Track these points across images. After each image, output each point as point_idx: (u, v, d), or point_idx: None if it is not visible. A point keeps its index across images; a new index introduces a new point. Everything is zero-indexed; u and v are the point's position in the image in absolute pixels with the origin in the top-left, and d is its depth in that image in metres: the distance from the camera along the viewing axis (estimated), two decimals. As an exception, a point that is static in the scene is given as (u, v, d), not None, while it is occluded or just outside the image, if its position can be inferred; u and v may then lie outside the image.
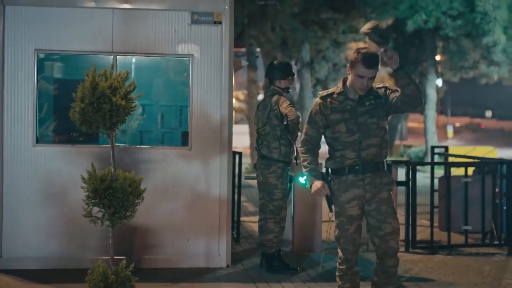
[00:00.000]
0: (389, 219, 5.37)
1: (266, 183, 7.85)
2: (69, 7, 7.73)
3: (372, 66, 5.26)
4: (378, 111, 5.41)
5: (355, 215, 5.42)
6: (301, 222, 8.97)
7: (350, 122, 5.39)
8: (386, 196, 5.41)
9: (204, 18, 7.91)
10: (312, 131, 5.51)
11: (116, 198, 5.53)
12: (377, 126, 5.39)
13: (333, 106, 5.44)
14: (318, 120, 5.49)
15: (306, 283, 7.33)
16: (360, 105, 5.41)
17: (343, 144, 5.41)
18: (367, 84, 5.30)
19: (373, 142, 5.38)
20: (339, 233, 5.51)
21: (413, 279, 7.55)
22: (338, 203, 5.45)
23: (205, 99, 7.94)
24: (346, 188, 5.40)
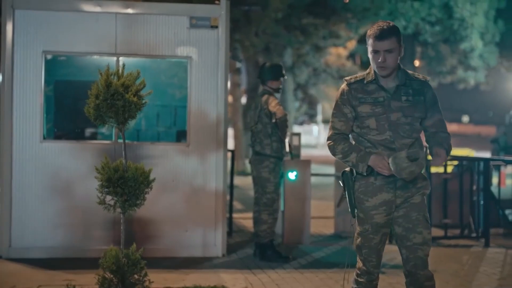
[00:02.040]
0: (420, 228, 4.62)
1: (260, 177, 8.37)
2: (75, 11, 8.21)
3: (384, 37, 4.55)
4: (414, 111, 4.68)
5: (382, 222, 4.68)
6: (291, 216, 9.49)
7: (381, 118, 4.66)
8: (418, 201, 4.67)
9: (202, 22, 8.41)
10: (340, 124, 4.75)
11: (129, 187, 6.00)
12: (411, 127, 4.66)
13: (362, 97, 4.69)
14: (346, 112, 4.72)
15: (298, 269, 7.85)
16: (395, 99, 4.67)
17: (372, 141, 4.69)
18: (384, 59, 4.55)
19: (406, 143, 4.64)
20: (362, 242, 4.76)
21: (397, 267, 8.08)
22: (363, 209, 4.70)
23: (202, 99, 8.44)
24: (374, 192, 4.65)
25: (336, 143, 4.73)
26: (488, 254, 9.03)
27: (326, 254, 8.82)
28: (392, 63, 4.58)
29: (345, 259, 8.41)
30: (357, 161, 4.63)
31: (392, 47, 4.56)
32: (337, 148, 4.73)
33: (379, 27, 4.59)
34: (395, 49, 4.58)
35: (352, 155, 4.65)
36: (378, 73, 4.64)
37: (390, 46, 4.56)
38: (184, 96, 9.17)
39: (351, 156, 4.66)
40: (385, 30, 4.57)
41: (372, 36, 4.58)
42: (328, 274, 7.59)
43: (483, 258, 8.82)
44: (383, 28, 4.57)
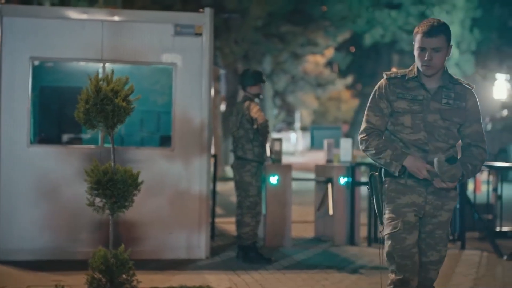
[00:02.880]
0: (440, 246, 4.48)
1: (242, 181, 8.58)
2: (62, 19, 8.38)
3: (433, 34, 4.32)
4: (453, 116, 4.46)
5: (414, 222, 4.38)
6: (273, 219, 9.69)
7: (417, 117, 4.43)
8: (445, 218, 4.46)
9: (186, 30, 8.62)
10: (375, 119, 4.50)
11: (118, 189, 6.19)
12: (447, 131, 4.44)
13: (401, 92, 4.46)
14: (383, 106, 4.48)
15: (280, 270, 8.06)
16: (434, 99, 4.45)
17: (405, 141, 4.45)
18: (430, 58, 4.33)
19: (440, 146, 4.41)
20: (393, 245, 4.41)
21: (376, 268, 8.31)
22: (394, 207, 4.42)
23: (187, 104, 8.63)
24: (405, 192, 4.42)
25: (370, 138, 4.44)
26: (464, 256, 9.30)
27: (307, 257, 9.04)
28: (438, 63, 4.38)
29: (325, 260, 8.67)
30: (391, 160, 4.35)
31: (440, 45, 4.35)
32: (371, 143, 4.43)
33: (429, 23, 4.35)
34: (443, 48, 4.37)
35: (387, 152, 4.36)
36: (422, 72, 4.42)
37: (438, 45, 4.35)
38: (167, 102, 9.37)
39: (385, 154, 4.37)
40: (435, 27, 4.33)
41: (421, 32, 4.34)
42: (310, 275, 7.81)
43: (460, 259, 9.08)
44: (433, 25, 4.34)
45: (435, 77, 4.47)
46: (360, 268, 8.28)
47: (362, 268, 8.25)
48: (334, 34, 29.57)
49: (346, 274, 7.90)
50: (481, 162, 4.51)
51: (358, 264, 8.50)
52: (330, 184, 10.01)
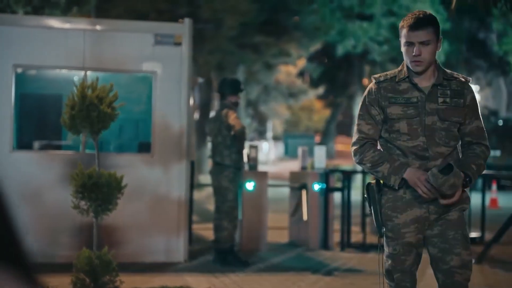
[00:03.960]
0: (458, 249, 4.03)
1: (220, 187, 8.85)
2: (46, 28, 8.60)
3: (419, 26, 4.02)
4: (452, 115, 4.12)
5: (414, 242, 4.08)
6: (249, 224, 9.96)
7: (413, 121, 4.09)
8: (455, 217, 4.08)
9: (166, 39, 8.88)
10: (367, 128, 4.17)
11: (102, 192, 6.43)
12: (447, 133, 4.10)
13: (392, 96, 4.12)
14: (374, 113, 4.16)
15: (257, 273, 8.34)
16: (430, 100, 4.10)
17: (403, 148, 4.10)
18: (419, 53, 4.01)
19: (442, 151, 4.07)
20: (393, 265, 4.15)
21: (349, 270, 8.60)
22: (392, 227, 4.10)
23: (166, 111, 8.89)
24: (404, 207, 4.07)
25: (364, 150, 4.14)
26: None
27: (283, 260, 9.31)
28: (428, 57, 4.04)
29: (300, 263, 8.95)
30: (390, 173, 4.03)
31: (428, 38, 4.03)
32: (365, 155, 4.12)
33: (414, 15, 4.07)
34: (432, 41, 4.04)
35: (384, 166, 4.05)
36: (412, 68, 4.10)
37: (426, 38, 4.03)
38: (144, 109, 9.61)
39: (383, 167, 4.05)
40: (421, 19, 4.04)
41: (406, 26, 4.06)
42: (286, 277, 8.08)
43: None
44: (419, 17, 4.05)
45: (428, 75, 4.14)
46: (334, 270, 8.57)
47: (336, 271, 8.53)
48: (306, 44, 29.98)
49: (321, 276, 8.18)
50: (484, 160, 4.16)
51: (332, 267, 8.78)
52: (304, 190, 10.30)
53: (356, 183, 19.19)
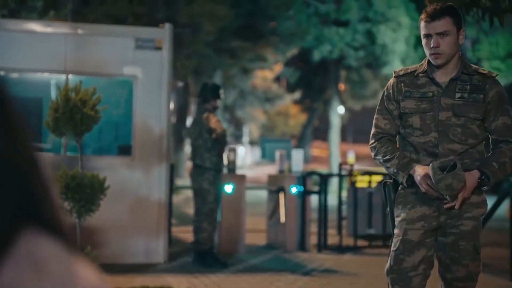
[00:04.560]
0: (466, 260, 3.89)
1: (200, 189, 8.99)
2: (28, 32, 8.71)
3: (436, 17, 3.87)
4: (469, 111, 3.92)
5: (416, 241, 3.89)
6: (228, 226, 10.11)
7: (426, 116, 3.94)
8: (469, 227, 3.89)
9: (147, 44, 9.01)
10: (384, 123, 4.06)
11: (85, 193, 6.55)
12: (464, 129, 3.89)
13: (408, 90, 3.99)
14: (392, 108, 4.05)
15: (236, 273, 8.49)
16: (446, 95, 3.94)
17: (415, 144, 3.97)
18: (437, 44, 3.86)
19: (455, 149, 3.88)
20: (390, 265, 3.96)
21: (326, 271, 8.78)
22: (399, 222, 3.97)
23: (146, 115, 9.02)
24: (414, 203, 3.93)
25: (379, 144, 4.04)
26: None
27: (261, 261, 9.47)
28: (448, 49, 3.88)
29: (278, 264, 9.10)
30: (398, 170, 3.92)
31: (447, 29, 3.87)
32: (379, 150, 4.03)
33: (432, 7, 3.94)
34: (451, 32, 3.89)
35: (394, 161, 3.94)
36: (432, 61, 3.95)
37: (443, 28, 3.87)
38: (124, 112, 9.73)
39: (392, 162, 3.94)
40: (438, 9, 3.89)
41: (423, 18, 3.93)
42: (264, 277, 8.24)
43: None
44: (436, 8, 3.91)
45: (449, 69, 3.97)
46: (312, 271, 8.74)
47: (313, 271, 8.71)
48: (283, 49, 30.20)
49: (298, 276, 8.35)
50: (503, 164, 3.89)
51: (309, 268, 8.95)
52: (282, 193, 10.47)
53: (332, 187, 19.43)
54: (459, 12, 3.99)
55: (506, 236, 8.88)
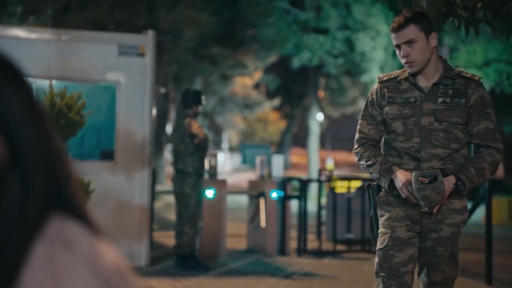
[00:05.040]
0: (443, 266, 3.92)
1: (182, 193, 9.12)
2: (12, 38, 8.80)
3: (400, 27, 3.90)
4: (450, 116, 3.91)
5: (405, 238, 3.89)
6: (209, 230, 10.24)
7: (409, 121, 3.95)
8: (448, 234, 3.90)
9: (130, 50, 9.14)
10: (368, 128, 4.09)
11: (70, 197, 6.67)
12: (446, 134, 3.90)
13: (391, 96, 4.01)
14: (375, 114, 4.07)
15: (217, 276, 8.62)
16: (428, 100, 3.94)
17: (398, 149, 3.98)
18: (407, 53, 3.89)
19: (437, 153, 3.89)
20: (381, 262, 3.90)
21: (306, 274, 8.93)
22: (385, 220, 3.96)
23: (129, 120, 9.14)
24: (398, 203, 3.95)
25: (362, 150, 4.06)
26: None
27: (242, 265, 9.60)
28: (418, 56, 3.90)
29: (258, 268, 9.25)
30: (380, 175, 3.93)
31: (413, 36, 3.89)
32: (362, 155, 4.04)
33: (397, 17, 3.97)
34: (418, 38, 3.90)
35: (376, 166, 3.95)
36: (409, 70, 3.97)
37: (409, 36, 3.89)
38: (106, 118, 9.84)
39: (375, 167, 3.95)
40: (402, 19, 3.91)
41: (391, 29, 3.97)
42: (246, 280, 8.38)
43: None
44: (400, 18, 3.93)
45: (429, 73, 3.98)
46: (292, 274, 8.89)
47: (294, 275, 8.85)
48: (263, 56, 30.39)
49: (279, 279, 8.49)
50: (491, 164, 3.89)
51: (290, 271, 9.10)
52: (262, 198, 10.61)
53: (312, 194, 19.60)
54: (425, 17, 3.99)
55: (482, 241, 9.07)
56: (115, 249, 1.11)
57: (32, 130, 1.09)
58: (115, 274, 1.06)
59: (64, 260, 1.02)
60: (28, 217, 1.05)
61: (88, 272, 1.02)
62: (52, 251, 1.03)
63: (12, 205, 1.04)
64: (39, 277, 1.00)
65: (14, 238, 1.03)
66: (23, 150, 1.07)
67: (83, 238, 1.07)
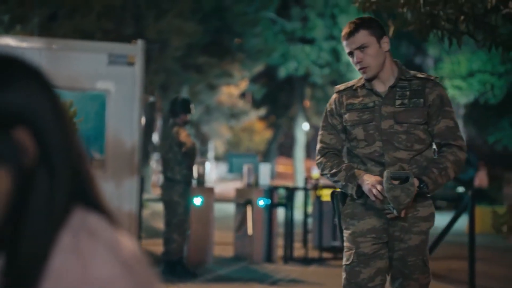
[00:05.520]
0: (416, 275, 3.87)
1: (171, 201, 9.25)
2: (2, 46, 8.90)
3: (351, 33, 3.91)
4: (410, 117, 3.88)
5: (370, 253, 3.86)
6: (196, 237, 10.35)
7: (369, 126, 3.91)
8: (417, 242, 3.86)
9: (120, 59, 9.26)
10: (329, 138, 4.04)
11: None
12: (408, 136, 3.85)
13: (350, 103, 3.97)
14: (335, 123, 4.02)
15: (205, 283, 8.75)
16: (386, 103, 3.91)
17: (361, 156, 3.93)
18: (360, 59, 3.88)
19: (401, 156, 3.83)
20: (347, 278, 3.98)
21: (291, 281, 9.06)
22: (349, 235, 3.95)
23: (118, 129, 9.25)
24: (363, 215, 3.89)
25: (325, 159, 4.01)
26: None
27: (229, 272, 9.73)
28: (371, 61, 3.89)
29: (245, 274, 9.38)
30: (346, 181, 3.87)
31: (364, 41, 3.88)
32: (325, 165, 3.99)
33: (347, 25, 3.97)
34: (370, 43, 3.89)
35: (341, 174, 3.90)
36: (365, 76, 3.95)
37: (360, 42, 3.88)
38: (95, 126, 9.95)
39: (340, 175, 3.90)
40: (352, 25, 3.92)
41: (342, 37, 3.96)
42: (232, 286, 8.51)
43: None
44: (350, 24, 3.94)
45: (385, 77, 3.96)
46: (278, 281, 9.02)
47: (280, 281, 8.99)
48: (249, 66, 30.57)
49: (266, 286, 8.63)
50: (454, 163, 3.83)
51: (276, 278, 9.23)
52: (249, 205, 10.74)
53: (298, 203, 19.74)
54: (376, 22, 3.97)
55: (465, 249, 9.23)
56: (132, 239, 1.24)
57: (59, 131, 1.22)
58: (134, 260, 1.20)
59: (89, 245, 1.15)
60: (55, 209, 1.18)
61: (111, 256, 1.15)
62: (78, 238, 1.16)
63: (41, 198, 1.18)
64: (67, 260, 1.14)
65: (43, 227, 1.16)
66: (51, 149, 1.20)
67: (104, 227, 1.21)
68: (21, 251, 1.14)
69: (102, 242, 1.17)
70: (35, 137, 1.19)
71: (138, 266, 1.20)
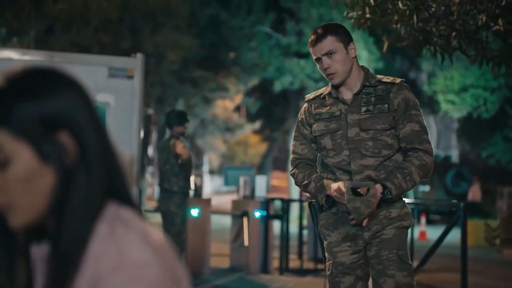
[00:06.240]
0: (392, 270, 3.75)
1: (168, 212, 9.40)
2: (5, 59, 9.08)
3: (318, 39, 3.88)
4: (375, 123, 3.85)
5: (348, 263, 3.85)
6: (193, 248, 10.50)
7: (337, 136, 3.90)
8: (390, 235, 3.80)
9: (119, 73, 9.44)
10: (301, 148, 4.05)
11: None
12: (375, 143, 3.83)
13: (318, 113, 3.98)
14: (306, 133, 4.04)
15: (202, 292, 8.91)
16: (352, 111, 3.90)
17: (330, 165, 3.92)
18: (327, 65, 3.84)
19: (368, 164, 3.82)
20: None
21: (288, 291, 9.24)
22: (327, 245, 3.94)
23: (118, 140, 9.38)
24: (336, 224, 3.89)
25: (297, 171, 4.03)
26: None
27: (225, 282, 9.88)
28: (339, 67, 3.86)
29: (242, 285, 9.52)
30: (316, 192, 3.89)
31: (332, 47, 3.86)
32: (298, 176, 4.02)
33: (314, 31, 3.94)
34: (337, 49, 3.87)
35: (312, 185, 3.91)
36: (331, 82, 3.94)
37: (328, 48, 3.86)
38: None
39: (311, 186, 3.92)
40: (319, 31, 3.90)
41: (309, 44, 3.92)
42: (229, 296, 8.67)
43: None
44: (317, 31, 3.91)
45: (351, 84, 3.95)
46: (274, 291, 9.18)
47: (275, 292, 9.15)
48: (244, 80, 30.77)
49: (262, 295, 8.79)
50: (420, 167, 3.79)
51: (272, 289, 9.40)
52: (246, 217, 10.90)
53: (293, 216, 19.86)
54: (342, 28, 3.96)
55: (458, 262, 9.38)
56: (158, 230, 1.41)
57: (95, 135, 1.40)
58: (162, 247, 1.37)
59: (123, 233, 1.33)
60: (92, 203, 1.36)
61: (143, 243, 1.32)
62: (113, 227, 1.34)
63: (80, 193, 1.35)
64: (105, 246, 1.31)
65: (81, 218, 1.34)
66: (89, 151, 1.38)
67: (135, 218, 1.38)
68: (63, 239, 1.32)
69: (135, 231, 1.34)
70: (75, 140, 1.37)
71: (166, 252, 1.37)
